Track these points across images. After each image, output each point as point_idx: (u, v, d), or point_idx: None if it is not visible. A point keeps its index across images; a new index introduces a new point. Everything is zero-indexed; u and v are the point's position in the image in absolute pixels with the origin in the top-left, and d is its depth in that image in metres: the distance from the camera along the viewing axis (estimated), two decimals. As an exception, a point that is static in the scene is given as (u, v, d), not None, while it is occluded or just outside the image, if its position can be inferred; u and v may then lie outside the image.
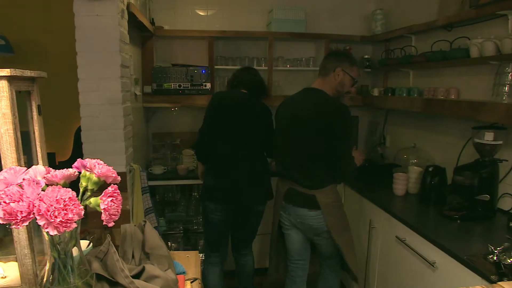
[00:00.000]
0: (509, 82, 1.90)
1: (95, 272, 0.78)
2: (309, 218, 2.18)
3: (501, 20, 2.08)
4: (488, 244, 1.58)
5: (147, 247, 0.96)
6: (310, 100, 2.17)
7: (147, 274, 0.81)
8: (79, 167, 0.80)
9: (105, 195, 0.72)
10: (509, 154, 2.06)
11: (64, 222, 0.64)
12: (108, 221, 0.72)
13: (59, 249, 0.73)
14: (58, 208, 0.64)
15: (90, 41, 1.98)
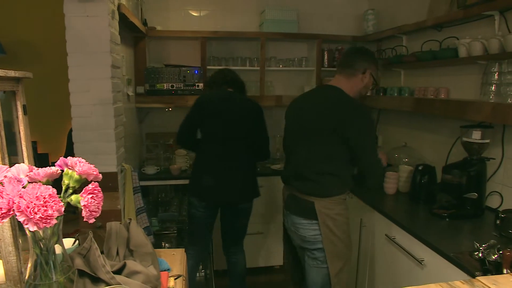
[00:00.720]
0: (495, 82, 1.92)
1: (78, 268, 0.79)
2: (301, 228, 1.95)
3: (488, 21, 2.10)
4: (474, 241, 1.60)
5: (132, 244, 0.97)
6: (325, 98, 1.95)
7: (128, 270, 0.82)
8: (62, 165, 0.82)
9: (85, 192, 0.73)
10: (496, 152, 2.08)
11: (44, 218, 0.65)
12: (89, 218, 0.73)
13: (41, 246, 0.74)
14: (38, 204, 0.65)
15: (81, 41, 1.98)
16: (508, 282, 0.99)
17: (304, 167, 1.93)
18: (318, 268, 1.96)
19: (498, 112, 1.81)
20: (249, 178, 2.49)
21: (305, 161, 1.93)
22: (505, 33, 1.99)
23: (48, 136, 3.97)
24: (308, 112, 1.95)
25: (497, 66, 1.92)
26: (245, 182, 2.46)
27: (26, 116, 0.99)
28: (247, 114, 2.45)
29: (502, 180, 2.08)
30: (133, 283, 0.78)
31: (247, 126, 2.44)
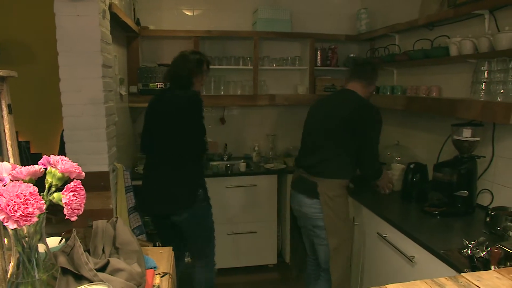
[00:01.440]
0: (485, 80, 1.93)
1: (61, 266, 0.79)
2: (305, 206, 2.24)
3: (478, 20, 2.12)
4: (463, 239, 1.61)
5: (118, 242, 0.97)
6: (344, 98, 2.29)
7: (111, 267, 0.82)
8: (45, 164, 0.82)
9: (67, 190, 0.73)
10: (486, 150, 2.09)
11: (24, 216, 0.66)
12: (71, 215, 0.73)
13: (23, 244, 0.74)
14: (18, 202, 0.65)
15: (71, 41, 1.98)
16: (492, 278, 0.99)
17: (316, 153, 2.24)
18: (322, 246, 2.25)
19: (488, 110, 1.82)
20: (178, 186, 2.17)
21: (318, 148, 2.24)
22: (495, 31, 2.00)
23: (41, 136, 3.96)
24: (330, 109, 2.28)
25: (486, 64, 1.93)
26: (172, 192, 2.17)
27: (11, 115, 0.99)
28: (175, 111, 2.17)
29: (492, 178, 2.09)
30: (116, 281, 0.78)
31: (175, 125, 2.16)
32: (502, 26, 1.98)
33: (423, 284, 0.98)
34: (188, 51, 2.33)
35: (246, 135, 3.69)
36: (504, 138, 2.02)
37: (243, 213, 3.22)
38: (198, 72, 2.25)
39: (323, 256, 2.29)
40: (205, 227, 2.33)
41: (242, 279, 3.24)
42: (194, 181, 2.21)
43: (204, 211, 2.28)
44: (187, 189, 2.18)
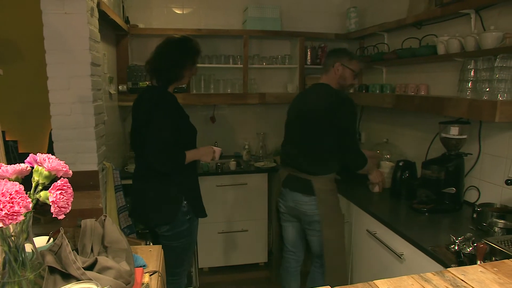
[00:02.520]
0: (471, 78, 1.96)
1: (48, 265, 0.78)
2: (302, 204, 2.25)
3: (465, 19, 2.14)
4: (451, 235, 1.63)
5: (106, 241, 0.97)
6: (316, 92, 2.31)
7: (99, 265, 0.82)
8: (32, 162, 0.81)
9: (54, 188, 0.73)
10: (473, 148, 2.12)
11: (10, 214, 0.65)
12: (58, 214, 0.73)
13: (9, 243, 0.73)
14: (4, 201, 0.64)
15: (59, 39, 1.96)
16: (477, 272, 1.01)
17: (301, 150, 2.25)
18: (316, 238, 2.28)
19: (474, 108, 1.85)
20: (152, 196, 2.02)
21: (302, 145, 2.26)
22: (481, 31, 2.03)
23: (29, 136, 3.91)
24: (303, 105, 2.30)
25: (473, 63, 1.96)
26: (148, 202, 2.04)
27: (-3, 113, 0.98)
28: (146, 112, 1.96)
29: (479, 175, 2.12)
30: (104, 279, 0.78)
31: (146, 128, 1.93)
32: (487, 26, 2.01)
33: (410, 279, 0.99)
34: (175, 36, 2.12)
35: (236, 134, 3.69)
36: (490, 136, 2.05)
37: (233, 212, 3.22)
38: (189, 61, 2.05)
39: (317, 245, 2.31)
40: (178, 247, 2.05)
41: (233, 278, 3.24)
42: (173, 193, 2.00)
43: (183, 227, 2.02)
44: (163, 200, 2.00)
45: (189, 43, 2.08)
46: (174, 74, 2.02)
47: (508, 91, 1.81)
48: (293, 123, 2.36)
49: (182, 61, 2.03)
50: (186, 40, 2.09)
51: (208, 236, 3.17)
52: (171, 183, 2.01)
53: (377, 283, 0.98)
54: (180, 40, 2.09)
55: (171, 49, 2.04)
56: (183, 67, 2.03)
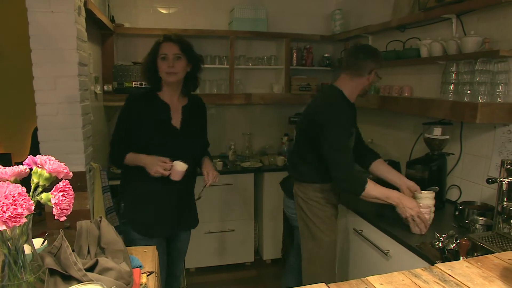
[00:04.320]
0: (453, 81, 2.03)
1: (48, 267, 0.78)
2: (286, 206, 2.28)
3: (447, 23, 2.21)
4: (435, 232, 1.69)
5: (103, 242, 0.97)
6: (318, 98, 2.22)
7: (100, 266, 0.82)
8: (30, 164, 0.81)
9: (56, 190, 0.73)
10: (455, 148, 2.20)
11: (13, 217, 0.65)
12: (60, 216, 0.73)
13: (9, 245, 0.73)
14: (7, 203, 0.64)
15: (45, 38, 1.93)
16: (462, 267, 1.06)
17: (292, 156, 2.24)
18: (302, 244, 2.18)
19: (456, 110, 1.92)
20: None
21: (294, 151, 2.24)
22: (462, 35, 2.10)
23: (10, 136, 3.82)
24: (306, 109, 2.21)
25: (454, 66, 2.03)
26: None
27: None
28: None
29: (460, 174, 2.20)
30: (106, 280, 0.78)
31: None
32: (468, 30, 2.08)
33: (401, 275, 1.03)
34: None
35: (222, 134, 3.70)
36: (471, 136, 2.12)
37: (220, 212, 3.23)
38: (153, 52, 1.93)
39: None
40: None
41: (220, 278, 3.25)
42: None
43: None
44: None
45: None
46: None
47: (488, 93, 1.88)
48: (297, 127, 2.30)
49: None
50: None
51: (195, 237, 3.17)
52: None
53: (370, 279, 1.01)
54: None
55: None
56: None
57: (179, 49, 1.87)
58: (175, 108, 1.96)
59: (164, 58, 1.86)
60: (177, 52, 1.87)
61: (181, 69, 1.88)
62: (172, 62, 1.85)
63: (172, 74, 1.86)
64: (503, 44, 1.89)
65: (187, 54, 1.90)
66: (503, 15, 1.91)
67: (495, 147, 1.97)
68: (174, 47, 1.87)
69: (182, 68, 1.89)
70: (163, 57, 1.87)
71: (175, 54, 1.87)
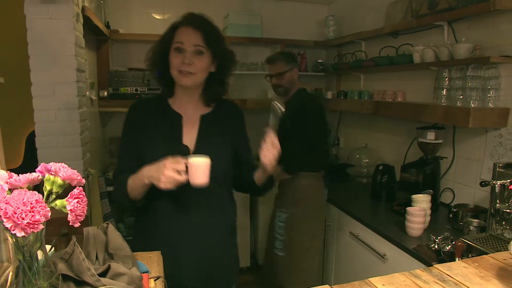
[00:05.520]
0: (446, 86, 2.08)
1: (61, 273, 0.79)
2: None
3: (438, 30, 2.27)
4: (430, 234, 1.73)
5: (111, 248, 0.98)
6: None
7: (112, 272, 0.84)
8: (43, 171, 0.82)
9: (71, 197, 0.75)
10: (448, 152, 2.25)
11: (32, 223, 0.66)
12: (74, 222, 0.75)
13: (24, 252, 0.74)
14: (25, 210, 0.66)
15: (44, 44, 1.94)
16: (460, 267, 1.09)
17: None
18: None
19: (449, 115, 1.97)
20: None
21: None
22: (453, 41, 2.16)
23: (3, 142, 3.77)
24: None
25: (447, 72, 2.08)
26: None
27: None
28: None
29: (453, 177, 2.25)
30: (118, 285, 0.80)
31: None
32: (459, 37, 2.14)
33: (401, 276, 1.06)
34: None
35: (218, 139, 3.70)
36: (463, 140, 2.18)
37: (216, 217, 3.23)
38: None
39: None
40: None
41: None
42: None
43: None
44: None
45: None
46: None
47: (479, 98, 1.94)
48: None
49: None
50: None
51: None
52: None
53: (372, 280, 1.04)
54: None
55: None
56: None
57: (202, 40, 1.30)
58: (190, 120, 1.39)
59: (179, 49, 1.30)
60: (198, 43, 1.30)
61: (202, 68, 1.32)
62: (189, 57, 1.29)
63: (187, 74, 1.30)
64: (493, 51, 1.95)
65: (213, 47, 1.33)
66: (492, 23, 1.97)
67: (486, 150, 2.03)
68: (195, 35, 1.30)
69: (203, 67, 1.32)
70: (177, 48, 1.30)
71: (196, 46, 1.30)
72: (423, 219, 1.88)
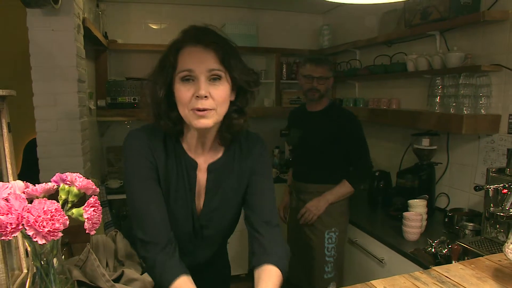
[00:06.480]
0: (439, 94, 2.14)
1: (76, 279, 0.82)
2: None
3: (431, 39, 2.34)
4: (427, 238, 1.77)
5: (120, 255, 1.01)
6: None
7: (126, 277, 0.87)
8: (58, 181, 0.85)
9: (88, 206, 0.78)
10: (442, 157, 2.30)
11: (52, 231, 0.69)
12: (91, 230, 0.78)
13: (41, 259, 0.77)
14: (46, 218, 0.69)
15: (46, 55, 1.97)
16: (458, 269, 1.14)
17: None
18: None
19: (443, 122, 2.03)
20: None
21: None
22: (445, 50, 2.22)
23: None
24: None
25: (440, 80, 2.14)
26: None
27: (10, 133, 1.01)
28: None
29: (448, 183, 2.30)
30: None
31: None
32: (451, 46, 2.21)
33: (402, 278, 1.10)
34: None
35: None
36: (457, 146, 2.23)
37: (215, 224, 3.25)
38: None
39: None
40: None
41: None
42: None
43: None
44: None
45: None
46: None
47: (472, 105, 2.00)
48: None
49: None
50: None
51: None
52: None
53: (373, 283, 1.08)
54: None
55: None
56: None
57: (217, 61, 0.99)
58: (202, 168, 1.12)
59: (188, 78, 0.98)
60: (213, 67, 0.98)
61: (222, 99, 1.00)
62: (204, 88, 0.97)
63: (204, 113, 0.97)
64: (484, 59, 2.01)
65: (233, 69, 1.02)
66: (482, 33, 2.03)
67: (480, 156, 2.08)
68: (207, 56, 0.99)
69: (223, 97, 1.00)
70: (185, 77, 0.98)
71: (211, 71, 0.98)
72: (420, 224, 1.92)
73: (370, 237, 2.08)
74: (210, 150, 1.11)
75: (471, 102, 2.00)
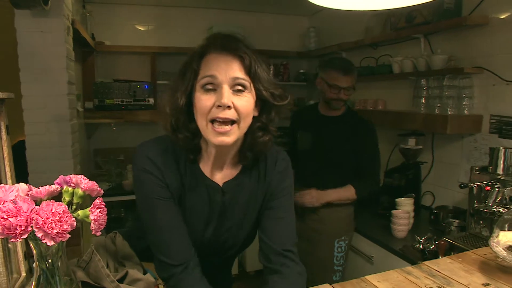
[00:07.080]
0: (424, 95, 2.21)
1: (81, 280, 0.83)
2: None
3: (416, 42, 2.41)
4: (415, 235, 1.83)
5: (120, 256, 1.02)
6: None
7: (130, 277, 0.88)
8: (61, 184, 0.86)
9: (94, 207, 0.79)
10: (428, 157, 2.37)
11: (60, 233, 0.70)
12: (96, 230, 0.79)
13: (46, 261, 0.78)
14: (54, 220, 0.70)
15: (35, 57, 1.96)
16: (446, 263, 1.19)
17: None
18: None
19: (428, 122, 2.09)
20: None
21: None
22: (429, 53, 2.29)
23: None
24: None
25: (424, 81, 2.21)
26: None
27: (8, 136, 1.01)
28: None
29: (433, 181, 2.37)
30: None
31: None
32: (435, 49, 2.28)
33: (395, 272, 1.14)
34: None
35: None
36: (442, 146, 2.31)
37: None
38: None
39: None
40: None
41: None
42: None
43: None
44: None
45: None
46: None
47: (456, 106, 2.07)
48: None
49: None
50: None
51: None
52: None
53: (368, 278, 1.12)
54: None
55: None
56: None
57: (242, 69, 0.92)
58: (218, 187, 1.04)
59: (210, 88, 0.90)
60: (238, 76, 0.91)
61: (246, 111, 0.92)
62: (227, 96, 0.88)
63: (224, 126, 0.90)
64: (466, 62, 2.09)
65: (259, 80, 0.94)
66: (465, 36, 2.11)
67: (463, 155, 2.16)
68: (232, 64, 0.92)
69: (247, 109, 0.92)
70: (207, 85, 0.90)
71: (235, 80, 0.90)
72: (408, 221, 1.98)
73: (359, 235, 2.13)
74: (231, 166, 1.03)
75: (454, 103, 2.07)
